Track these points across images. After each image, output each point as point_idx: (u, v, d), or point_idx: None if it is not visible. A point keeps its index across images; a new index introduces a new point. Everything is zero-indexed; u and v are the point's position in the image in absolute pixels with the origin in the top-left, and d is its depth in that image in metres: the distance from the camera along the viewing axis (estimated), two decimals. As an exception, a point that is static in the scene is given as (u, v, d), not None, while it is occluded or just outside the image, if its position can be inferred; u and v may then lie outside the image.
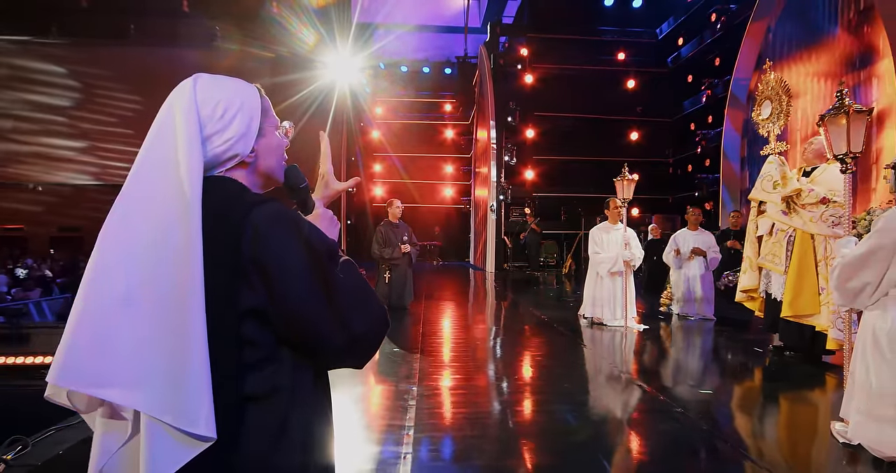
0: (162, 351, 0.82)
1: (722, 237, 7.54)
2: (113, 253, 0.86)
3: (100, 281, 0.84)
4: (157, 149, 0.90)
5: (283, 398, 0.90)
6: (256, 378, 0.89)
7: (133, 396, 0.81)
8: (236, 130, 0.97)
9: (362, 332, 0.93)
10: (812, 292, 4.19)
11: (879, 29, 7.79)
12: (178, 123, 0.91)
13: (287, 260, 0.88)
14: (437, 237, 18.70)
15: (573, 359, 4.77)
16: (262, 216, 0.89)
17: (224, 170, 0.99)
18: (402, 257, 6.96)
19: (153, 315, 0.83)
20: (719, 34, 12.58)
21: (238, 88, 1.01)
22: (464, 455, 2.71)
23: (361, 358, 0.98)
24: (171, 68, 17.31)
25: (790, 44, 10.17)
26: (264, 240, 0.88)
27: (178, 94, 0.95)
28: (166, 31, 17.59)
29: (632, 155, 13.55)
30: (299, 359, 0.94)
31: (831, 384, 3.90)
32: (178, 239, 0.85)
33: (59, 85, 17.31)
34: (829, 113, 3.09)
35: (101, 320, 0.82)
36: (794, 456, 2.78)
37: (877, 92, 7.93)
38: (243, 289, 0.87)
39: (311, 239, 0.92)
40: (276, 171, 1.06)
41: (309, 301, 0.88)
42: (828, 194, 4.10)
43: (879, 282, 2.45)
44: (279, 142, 1.07)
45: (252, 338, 0.88)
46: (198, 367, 0.82)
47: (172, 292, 0.83)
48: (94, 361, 0.81)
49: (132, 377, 0.81)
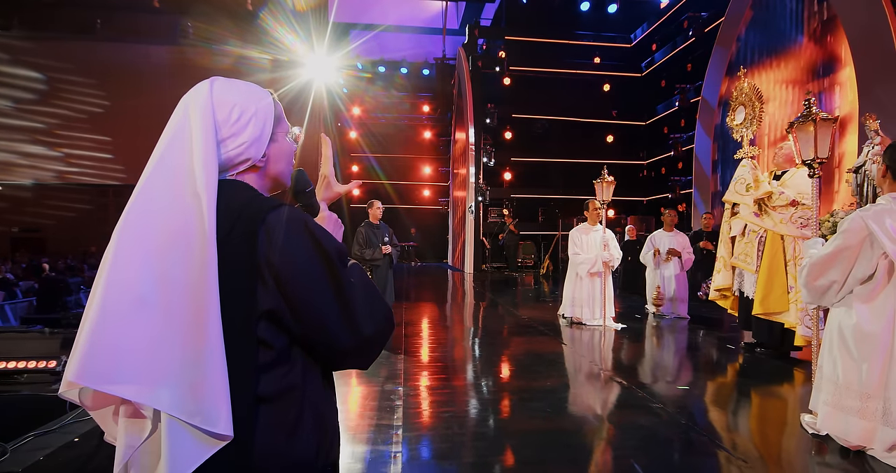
0: (179, 350, 0.83)
1: (694, 238, 7.77)
2: (128, 253, 0.86)
3: (115, 281, 0.85)
4: (173, 152, 0.91)
5: (296, 396, 0.93)
6: (271, 377, 0.91)
7: (153, 395, 0.82)
8: (250, 135, 0.99)
9: (371, 333, 0.95)
10: (781, 290, 4.37)
11: (842, 38, 8.16)
12: (193, 126, 0.93)
13: (301, 263, 0.91)
14: (414, 238, 18.69)
15: (554, 358, 4.86)
16: (276, 220, 0.91)
17: (235, 173, 1.01)
18: (382, 258, 6.95)
19: (169, 315, 0.84)
20: (691, 41, 12.95)
21: (253, 93, 1.03)
22: (452, 454, 2.74)
23: (368, 359, 1.01)
24: (139, 64, 16.85)
25: (758, 51, 10.55)
26: (279, 244, 0.90)
27: (195, 96, 0.96)
28: (135, 27, 17.10)
29: (607, 157, 13.82)
30: (309, 359, 0.96)
31: (799, 378, 4.08)
32: (192, 241, 0.86)
33: (22, 77, 16.65)
34: (798, 120, 3.24)
35: (117, 319, 0.83)
36: (766, 447, 2.90)
37: (839, 99, 8.29)
38: (259, 291, 0.89)
39: (323, 243, 0.94)
40: (284, 175, 1.09)
41: (322, 303, 0.91)
42: (797, 197, 4.29)
43: (845, 281, 2.59)
44: (289, 148, 1.09)
45: (266, 339, 0.90)
46: (215, 366, 0.83)
47: (188, 292, 0.84)
48: (112, 359, 0.82)
49: (151, 375, 0.82)
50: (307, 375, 0.95)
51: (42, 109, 16.93)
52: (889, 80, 6.87)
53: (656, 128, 15.30)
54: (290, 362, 0.93)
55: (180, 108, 0.95)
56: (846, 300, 2.63)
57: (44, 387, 3.21)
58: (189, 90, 0.99)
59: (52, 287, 8.19)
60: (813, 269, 2.67)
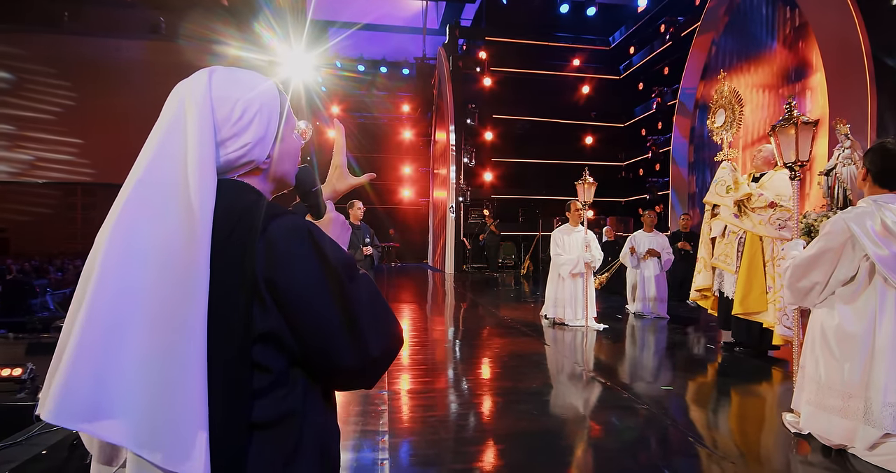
0: (155, 379, 0.74)
1: (672, 238, 7.89)
2: (108, 270, 0.75)
3: (94, 302, 0.75)
4: (165, 157, 0.80)
5: (296, 422, 0.84)
6: (267, 402, 0.82)
7: (119, 430, 0.72)
8: (254, 135, 0.88)
9: (378, 354, 0.87)
10: (760, 290, 4.45)
11: (813, 44, 8.39)
12: (189, 124, 0.81)
13: (305, 283, 0.81)
14: (394, 239, 18.58)
15: (537, 359, 4.86)
16: (277, 232, 0.81)
17: (235, 176, 0.89)
18: (363, 259, 6.86)
19: (149, 339, 0.74)
20: (668, 45, 13.18)
21: (258, 86, 0.91)
22: (439, 459, 2.70)
23: (372, 380, 0.92)
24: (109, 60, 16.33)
25: (733, 56, 10.79)
26: (280, 259, 0.80)
27: (192, 90, 0.84)
28: (105, 21, 16.55)
29: (586, 158, 13.94)
30: (310, 381, 0.87)
31: (778, 377, 4.16)
32: (182, 257, 0.76)
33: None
34: (780, 123, 3.28)
35: (92, 345, 0.73)
36: (748, 446, 2.94)
37: (810, 103, 8.53)
38: (256, 312, 0.79)
39: (330, 258, 0.84)
40: (289, 176, 0.98)
41: (327, 324, 0.82)
42: (775, 199, 4.37)
43: (827, 282, 2.63)
44: (296, 146, 0.98)
45: (263, 363, 0.81)
46: (193, 398, 0.74)
47: (172, 314, 0.75)
48: (83, 395, 0.72)
49: (120, 409, 0.73)
50: (308, 398, 0.86)
51: (6, 104, 16.28)
52: (858, 86, 7.08)
53: (634, 130, 15.53)
54: (290, 384, 0.84)
55: (174, 104, 0.83)
56: (828, 301, 2.68)
57: (9, 397, 3.05)
58: (183, 80, 0.87)
59: (16, 289, 7.85)
60: (796, 271, 2.71)
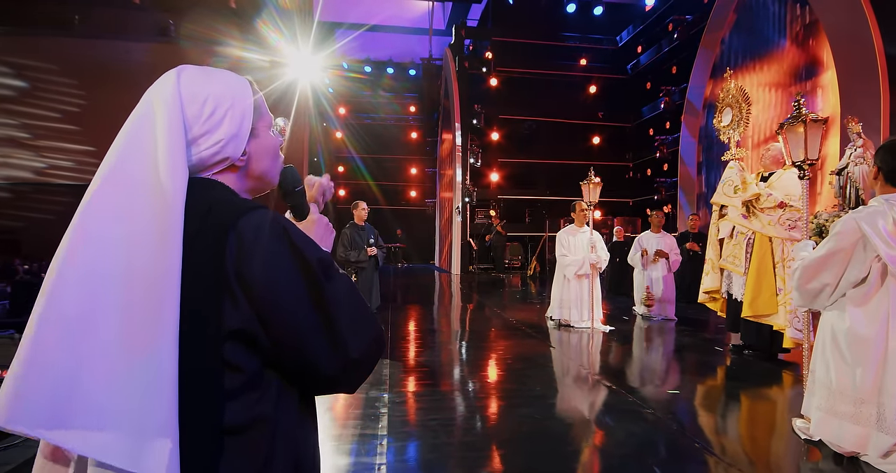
0: (121, 380, 0.70)
1: (681, 239, 7.80)
2: (73, 268, 0.73)
3: (56, 300, 0.72)
4: (131, 157, 0.78)
5: (268, 429, 0.80)
6: (239, 406, 0.78)
7: (81, 438, 0.69)
8: (226, 132, 0.86)
9: (358, 357, 0.83)
10: (770, 293, 4.36)
11: (823, 42, 8.25)
12: (158, 124, 0.80)
13: (277, 277, 0.78)
14: (400, 239, 18.57)
15: (542, 362, 4.80)
16: (248, 226, 0.79)
17: (211, 174, 0.88)
18: (368, 260, 6.84)
19: (116, 340, 0.71)
20: (676, 43, 13.05)
21: (229, 83, 0.90)
22: (439, 464, 2.65)
23: (354, 384, 0.88)
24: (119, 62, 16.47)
25: (742, 54, 10.65)
26: (251, 254, 0.77)
27: (159, 89, 0.83)
28: (114, 23, 16.72)
29: (593, 158, 13.86)
30: (286, 384, 0.84)
31: (788, 380, 4.07)
32: (152, 255, 0.74)
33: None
34: (788, 121, 3.20)
35: (54, 346, 0.70)
36: (757, 453, 2.86)
37: (821, 102, 8.39)
38: (227, 308, 0.76)
39: (305, 254, 0.81)
40: (270, 174, 0.96)
41: (301, 323, 0.79)
42: (784, 199, 4.28)
43: (838, 284, 2.55)
44: (274, 143, 0.96)
45: (235, 363, 0.77)
46: (163, 399, 0.71)
47: (141, 314, 0.72)
48: (44, 397, 0.69)
49: (83, 413, 0.69)
50: (282, 402, 0.83)
51: (18, 108, 16.48)
52: (870, 83, 6.95)
53: (642, 129, 15.40)
54: (263, 387, 0.81)
55: (143, 103, 0.82)
56: (839, 303, 2.60)
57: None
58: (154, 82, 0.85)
59: (26, 290, 7.91)
60: (805, 272, 2.63)
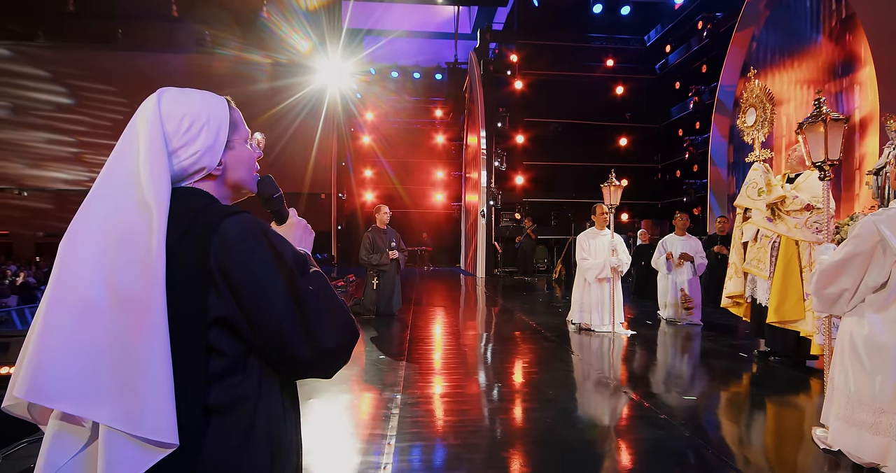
0: (123, 359, 0.82)
1: (709, 242, 7.60)
2: (74, 261, 0.86)
3: (61, 289, 0.85)
4: (120, 166, 0.92)
5: (249, 407, 0.91)
6: (222, 387, 0.89)
7: (93, 408, 0.81)
8: (203, 144, 0.98)
9: (331, 346, 0.93)
10: (797, 298, 4.21)
11: (861, 37, 7.92)
12: (141, 139, 0.93)
13: (255, 271, 0.89)
14: (426, 242, 18.68)
15: (561, 366, 4.76)
16: (229, 227, 0.90)
17: (192, 182, 1.00)
18: (389, 263, 6.94)
19: (115, 323, 0.83)
20: (706, 42, 12.74)
21: (205, 101, 1.02)
22: (446, 465, 2.68)
23: (329, 370, 0.98)
24: (160, 73, 17.20)
25: (774, 51, 10.31)
26: (232, 250, 0.89)
27: (143, 110, 0.96)
28: (155, 36, 17.49)
29: (621, 160, 13.64)
30: (267, 369, 0.94)
31: (815, 388, 3.92)
32: (140, 249, 0.86)
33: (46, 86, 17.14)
34: (807, 121, 3.11)
35: (61, 329, 0.83)
36: (776, 462, 2.78)
37: (859, 99, 8.05)
38: (211, 298, 0.87)
39: (279, 250, 0.92)
40: (246, 182, 1.08)
41: (277, 312, 0.89)
42: (811, 201, 4.14)
43: (857, 288, 2.46)
44: (249, 154, 1.08)
45: (219, 347, 0.89)
46: (159, 375, 0.82)
47: (134, 300, 0.84)
48: (55, 372, 0.81)
49: (92, 387, 0.81)
50: (263, 386, 0.93)
51: (66, 117, 17.39)
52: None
53: (671, 130, 15.07)
54: (245, 371, 0.91)
55: (130, 122, 0.96)
56: (858, 309, 2.51)
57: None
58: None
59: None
60: (823, 276, 2.55)
